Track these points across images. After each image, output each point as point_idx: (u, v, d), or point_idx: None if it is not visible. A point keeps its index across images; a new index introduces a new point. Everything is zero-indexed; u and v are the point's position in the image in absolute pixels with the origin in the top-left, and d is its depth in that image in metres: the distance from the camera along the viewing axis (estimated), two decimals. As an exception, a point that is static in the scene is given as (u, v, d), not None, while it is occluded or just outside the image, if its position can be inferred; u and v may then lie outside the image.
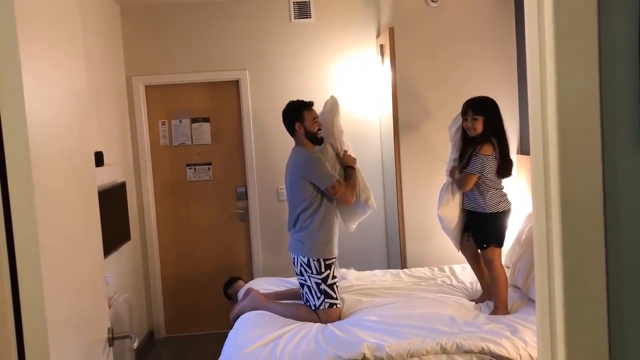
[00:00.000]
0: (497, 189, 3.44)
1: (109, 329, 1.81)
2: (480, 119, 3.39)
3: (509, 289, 3.54)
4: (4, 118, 1.15)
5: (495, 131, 3.41)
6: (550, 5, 1.02)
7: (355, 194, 3.57)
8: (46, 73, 1.42)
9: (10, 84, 1.16)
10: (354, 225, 3.83)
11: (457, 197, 3.53)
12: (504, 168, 3.42)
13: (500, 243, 3.50)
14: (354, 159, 3.70)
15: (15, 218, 1.17)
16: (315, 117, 3.60)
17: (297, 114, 3.57)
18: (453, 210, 3.54)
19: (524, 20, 1.15)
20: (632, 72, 1.01)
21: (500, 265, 3.48)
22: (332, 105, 3.74)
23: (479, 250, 3.61)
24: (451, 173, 3.55)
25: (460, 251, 3.73)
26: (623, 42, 1.03)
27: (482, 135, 3.41)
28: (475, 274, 3.73)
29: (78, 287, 1.56)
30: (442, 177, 3.75)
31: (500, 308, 3.40)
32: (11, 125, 1.15)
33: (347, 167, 3.65)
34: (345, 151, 3.72)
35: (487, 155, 3.36)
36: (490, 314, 3.40)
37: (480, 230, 3.51)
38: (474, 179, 3.39)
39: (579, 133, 1.06)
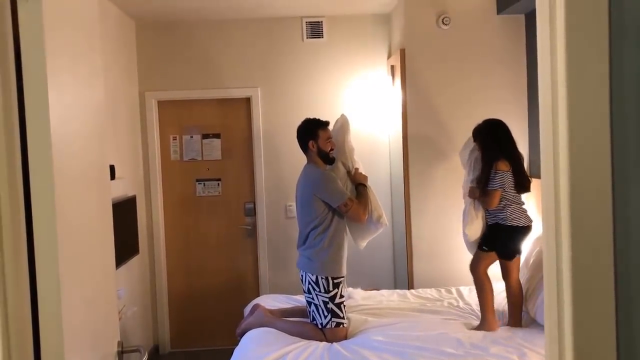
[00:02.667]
0: (518, 204, 3.50)
1: (118, 342, 1.82)
2: (477, 144, 3.58)
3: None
4: (29, 133, 1.18)
5: (499, 151, 3.48)
6: (562, 38, 1.04)
7: (367, 211, 3.59)
8: (69, 88, 1.45)
9: (37, 100, 1.19)
10: (364, 243, 3.84)
11: (480, 215, 3.57)
12: (519, 184, 3.50)
13: (506, 255, 3.54)
14: (366, 177, 3.73)
15: (37, 232, 1.19)
16: (330, 137, 3.63)
17: (312, 132, 3.60)
18: (478, 228, 3.59)
19: (534, 43, 1.18)
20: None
21: (484, 274, 3.53)
22: (343, 124, 3.77)
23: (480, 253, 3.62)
24: (470, 194, 3.58)
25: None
26: (634, 72, 1.05)
27: (486, 156, 3.52)
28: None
29: (92, 300, 1.58)
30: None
31: (488, 318, 3.44)
32: (36, 141, 1.18)
33: (359, 185, 3.67)
34: (357, 169, 3.74)
35: (505, 170, 3.45)
36: (477, 327, 3.44)
37: (490, 236, 3.56)
38: (497, 195, 3.45)
39: (590, 160, 1.08)
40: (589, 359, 1.10)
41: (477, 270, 3.54)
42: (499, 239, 3.53)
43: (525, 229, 3.51)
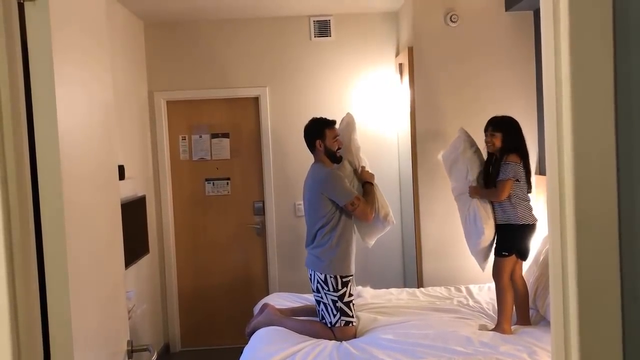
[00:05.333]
0: (526, 201, 3.50)
1: (128, 341, 1.83)
2: (499, 135, 3.52)
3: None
4: (37, 134, 1.19)
5: (514, 149, 3.49)
6: (566, 36, 1.04)
7: (374, 210, 3.58)
8: (77, 89, 1.46)
9: (44, 99, 1.20)
10: (372, 242, 3.84)
11: (490, 212, 3.55)
12: (528, 184, 3.52)
13: (522, 255, 3.53)
14: (372, 175, 3.73)
15: (46, 232, 1.20)
16: (337, 135, 3.63)
17: (319, 131, 3.61)
18: (492, 227, 3.56)
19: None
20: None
21: (508, 279, 3.47)
22: (349, 122, 3.78)
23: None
24: (472, 193, 3.57)
25: (484, 270, 3.73)
26: (638, 70, 1.05)
27: (501, 151, 3.52)
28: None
29: (101, 299, 1.59)
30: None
31: (503, 324, 3.39)
32: (44, 141, 1.19)
33: (366, 183, 3.67)
34: (363, 167, 3.74)
35: (517, 162, 3.45)
36: (492, 329, 3.39)
37: (505, 239, 3.52)
38: (509, 185, 3.43)
39: (594, 158, 1.08)
40: (595, 356, 1.10)
41: (502, 278, 3.46)
42: (516, 240, 3.50)
43: (533, 227, 3.50)
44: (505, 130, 3.53)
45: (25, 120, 1.18)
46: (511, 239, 3.50)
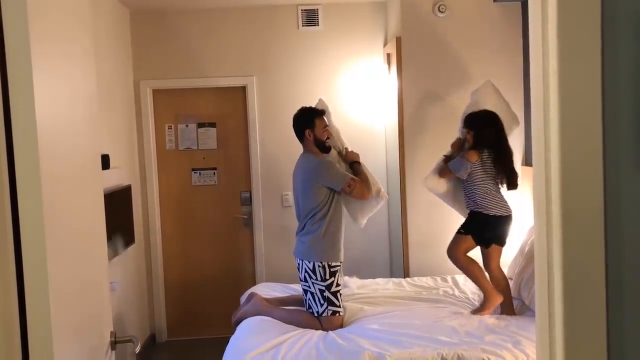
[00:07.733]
0: (498, 193, 3.56)
1: (111, 332, 1.81)
2: (471, 133, 3.59)
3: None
4: (14, 120, 1.15)
5: (489, 145, 3.54)
6: (554, 27, 1.03)
7: (369, 187, 3.59)
8: (57, 76, 1.43)
9: (21, 85, 1.16)
10: (364, 221, 3.82)
11: (443, 180, 3.73)
12: (509, 180, 3.56)
13: (500, 242, 3.59)
14: (357, 155, 3.73)
15: (23, 221, 1.18)
16: (326, 125, 3.62)
17: (308, 120, 3.59)
18: (438, 183, 3.74)
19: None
20: (634, 93, 1.02)
21: (463, 255, 3.57)
22: (324, 107, 3.76)
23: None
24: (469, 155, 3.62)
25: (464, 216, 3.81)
26: (626, 61, 1.04)
27: (474, 144, 3.58)
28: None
29: (83, 291, 1.57)
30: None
31: (490, 294, 3.49)
32: (21, 128, 1.16)
33: (353, 163, 3.67)
34: (347, 148, 3.74)
35: (471, 161, 3.50)
36: (483, 305, 3.50)
37: (481, 231, 3.58)
38: (447, 174, 3.64)
39: (581, 151, 1.07)
40: (580, 347, 1.10)
41: (454, 254, 3.58)
42: (476, 224, 3.57)
43: (506, 219, 3.54)
44: (475, 128, 3.57)
45: (2, 109, 1.15)
46: (485, 232, 3.57)
